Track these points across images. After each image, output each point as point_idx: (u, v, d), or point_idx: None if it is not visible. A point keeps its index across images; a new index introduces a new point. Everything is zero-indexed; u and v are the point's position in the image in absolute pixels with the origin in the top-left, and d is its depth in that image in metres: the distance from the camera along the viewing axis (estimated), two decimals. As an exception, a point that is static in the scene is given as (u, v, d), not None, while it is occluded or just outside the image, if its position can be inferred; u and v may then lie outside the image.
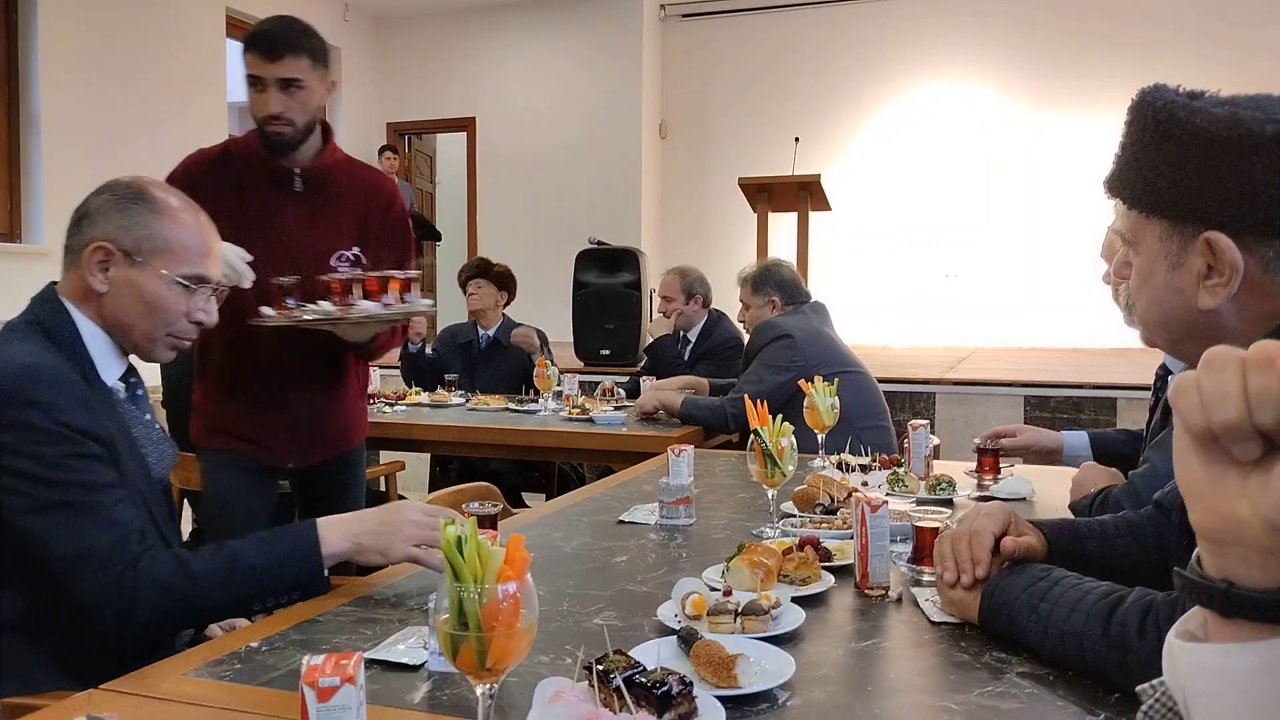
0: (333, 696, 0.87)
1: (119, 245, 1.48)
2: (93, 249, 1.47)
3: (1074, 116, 8.60)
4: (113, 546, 1.33)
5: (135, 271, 1.49)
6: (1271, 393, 0.51)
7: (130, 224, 1.49)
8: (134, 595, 1.32)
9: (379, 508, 1.53)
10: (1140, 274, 1.12)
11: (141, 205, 1.51)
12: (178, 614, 1.37)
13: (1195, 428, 0.55)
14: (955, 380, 5.35)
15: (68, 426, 1.35)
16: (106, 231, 1.48)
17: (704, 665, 1.10)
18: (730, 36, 9.79)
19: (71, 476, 1.34)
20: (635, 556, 1.72)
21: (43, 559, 1.33)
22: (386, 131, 10.09)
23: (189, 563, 1.37)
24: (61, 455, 1.34)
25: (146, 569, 1.34)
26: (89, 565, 1.31)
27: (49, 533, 1.32)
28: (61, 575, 1.32)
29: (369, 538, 1.46)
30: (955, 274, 9.07)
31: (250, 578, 1.40)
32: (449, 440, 3.59)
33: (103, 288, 1.48)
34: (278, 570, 1.42)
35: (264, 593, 1.41)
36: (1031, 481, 2.26)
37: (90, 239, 1.48)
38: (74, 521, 1.33)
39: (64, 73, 6.59)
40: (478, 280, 4.55)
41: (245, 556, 1.41)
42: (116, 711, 1.03)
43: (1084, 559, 1.35)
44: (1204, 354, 0.55)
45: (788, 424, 1.85)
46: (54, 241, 6.31)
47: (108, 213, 1.49)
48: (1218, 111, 1.00)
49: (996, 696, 1.09)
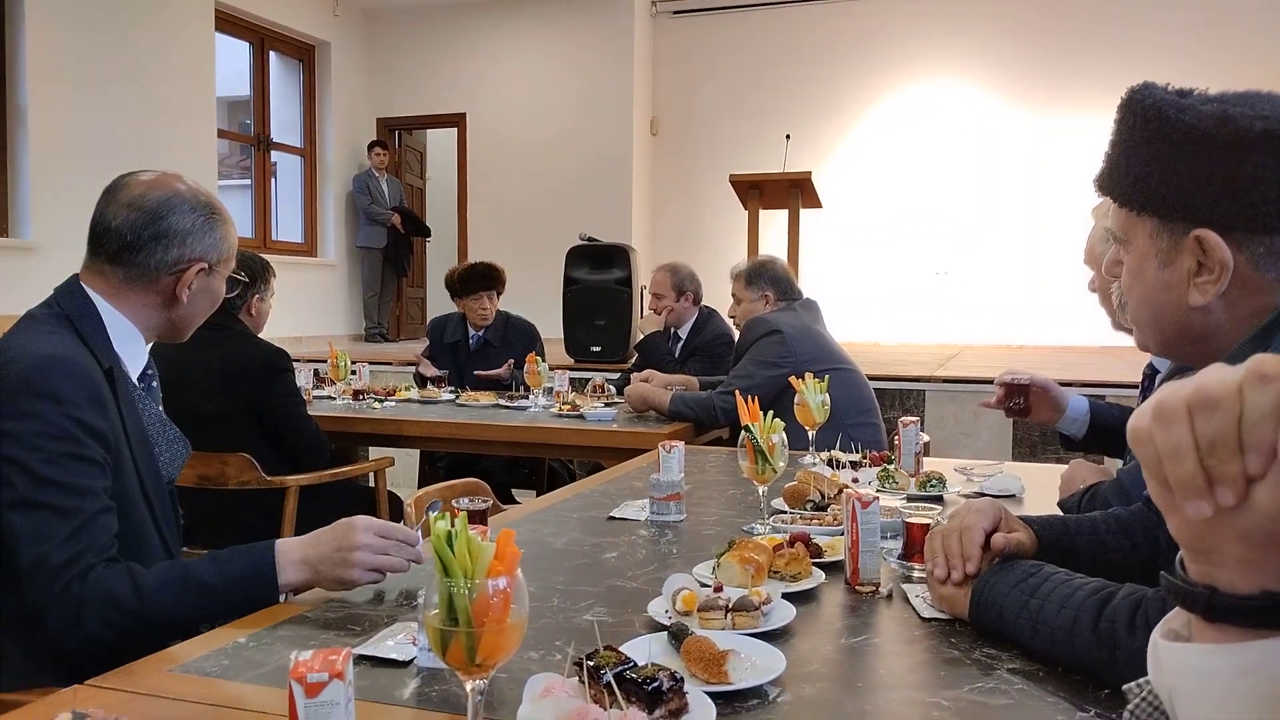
0: (321, 692, 0.86)
1: (211, 262, 1.62)
2: (195, 271, 1.58)
3: (1065, 115, 8.63)
4: (71, 559, 1.32)
5: (212, 279, 1.64)
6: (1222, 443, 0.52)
7: (217, 240, 1.62)
8: (79, 606, 1.31)
9: (332, 528, 1.44)
10: (1131, 272, 1.12)
11: (217, 219, 1.63)
12: (125, 627, 1.34)
13: (1156, 479, 0.56)
14: (945, 378, 5.37)
15: (77, 423, 1.36)
16: (202, 252, 1.60)
17: (694, 661, 1.10)
18: (722, 33, 9.78)
19: (62, 477, 1.34)
20: (626, 552, 1.71)
21: (12, 557, 1.34)
22: (377, 127, 10.05)
23: (140, 576, 1.35)
24: (61, 453, 1.35)
25: (96, 580, 1.33)
26: (41, 573, 1.32)
27: (21, 530, 1.33)
28: (22, 575, 1.33)
29: (326, 565, 1.40)
30: (946, 272, 9.09)
31: (201, 596, 1.37)
32: (438, 436, 3.58)
33: (186, 298, 1.60)
34: (230, 592, 1.38)
35: (213, 613, 1.38)
36: (1021, 478, 2.27)
37: (185, 260, 1.57)
38: (45, 525, 1.33)
39: (51, 66, 6.54)
40: (489, 293, 4.49)
41: (199, 574, 1.38)
42: (102, 707, 1.02)
43: (1074, 555, 1.35)
44: (1154, 404, 0.56)
45: (779, 420, 1.85)
46: (40, 236, 6.33)
47: (196, 233, 1.59)
48: (1206, 109, 1.00)
49: (987, 692, 1.09)
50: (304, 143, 9.46)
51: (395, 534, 1.44)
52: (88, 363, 1.43)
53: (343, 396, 3.99)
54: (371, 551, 1.41)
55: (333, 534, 1.43)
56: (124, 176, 1.59)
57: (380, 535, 1.42)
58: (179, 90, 7.62)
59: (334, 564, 1.40)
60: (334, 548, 1.41)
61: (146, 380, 1.61)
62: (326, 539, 1.43)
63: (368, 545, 1.41)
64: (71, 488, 1.35)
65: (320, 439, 3.15)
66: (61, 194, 6.36)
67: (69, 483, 1.35)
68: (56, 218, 6.33)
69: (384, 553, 1.41)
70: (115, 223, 1.54)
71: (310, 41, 9.40)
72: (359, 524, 1.43)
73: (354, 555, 1.39)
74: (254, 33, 8.78)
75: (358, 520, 1.44)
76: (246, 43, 8.81)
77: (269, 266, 3.25)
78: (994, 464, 2.53)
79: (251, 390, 2.99)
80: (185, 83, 7.70)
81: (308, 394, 3.76)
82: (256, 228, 8.88)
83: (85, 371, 1.41)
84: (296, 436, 3.08)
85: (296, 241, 9.41)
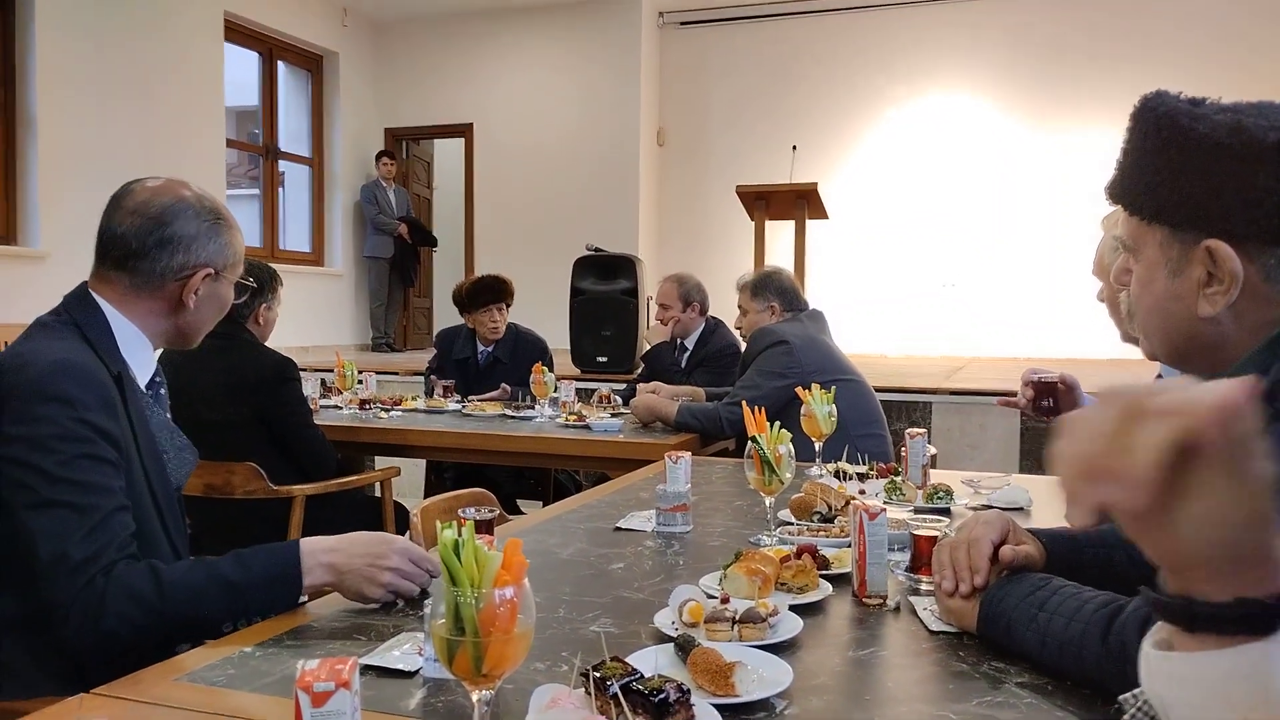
0: (327, 702, 0.86)
1: (217, 268, 1.61)
2: (201, 276, 1.58)
3: (1071, 130, 8.64)
4: (92, 555, 1.32)
5: (219, 285, 1.64)
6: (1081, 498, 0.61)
7: (222, 246, 1.62)
8: (101, 602, 1.31)
9: (368, 537, 1.45)
10: (1140, 281, 1.12)
11: (223, 225, 1.62)
12: (146, 624, 1.34)
13: None
14: (952, 390, 5.35)
15: (89, 425, 1.37)
16: (207, 257, 1.59)
17: (701, 673, 1.09)
18: (729, 45, 9.81)
19: (78, 476, 1.35)
20: (632, 563, 1.71)
21: (30, 556, 1.33)
22: (385, 137, 10.10)
23: (162, 573, 1.35)
24: (74, 455, 1.36)
25: (118, 576, 1.33)
26: (62, 570, 1.31)
27: (40, 529, 1.33)
28: (40, 575, 1.33)
29: (352, 576, 1.40)
30: (953, 284, 9.08)
31: (225, 594, 1.37)
32: (444, 446, 3.58)
33: (193, 304, 1.59)
34: (254, 590, 1.38)
35: (235, 612, 1.38)
36: (1029, 491, 2.26)
37: (190, 265, 1.57)
38: (64, 523, 1.33)
39: (60, 75, 6.58)
40: (500, 306, 4.39)
41: (223, 571, 1.38)
42: (108, 716, 1.02)
43: (1082, 568, 1.34)
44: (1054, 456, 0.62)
45: (785, 431, 1.85)
46: (49, 244, 6.35)
47: (203, 240, 1.59)
48: (1220, 118, 1.00)
49: (995, 706, 1.09)
50: (312, 153, 9.50)
51: (425, 564, 1.44)
52: (97, 368, 1.44)
53: (349, 406, 3.99)
54: (400, 576, 1.41)
55: (366, 546, 1.43)
56: (130, 183, 1.60)
57: (414, 562, 1.43)
58: (188, 100, 7.66)
59: (361, 576, 1.40)
60: (366, 560, 1.41)
61: (154, 388, 1.62)
62: (360, 550, 1.42)
63: (399, 569, 1.41)
64: (88, 486, 1.35)
65: (326, 449, 3.15)
66: (70, 202, 6.39)
67: (85, 481, 1.35)
68: (65, 226, 6.36)
69: (409, 579, 1.42)
70: (121, 229, 1.54)
71: (318, 52, 9.45)
72: (397, 545, 1.44)
73: (384, 576, 1.40)
74: (263, 43, 8.83)
75: (397, 541, 1.45)
76: (255, 53, 8.86)
77: (276, 275, 3.26)
78: (1001, 476, 2.52)
79: (259, 399, 2.99)
80: (194, 92, 7.74)
81: (314, 403, 3.76)
82: (264, 237, 8.91)
83: (95, 376, 1.42)
84: (303, 446, 3.08)
85: (304, 251, 9.44)
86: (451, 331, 4.67)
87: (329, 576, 1.41)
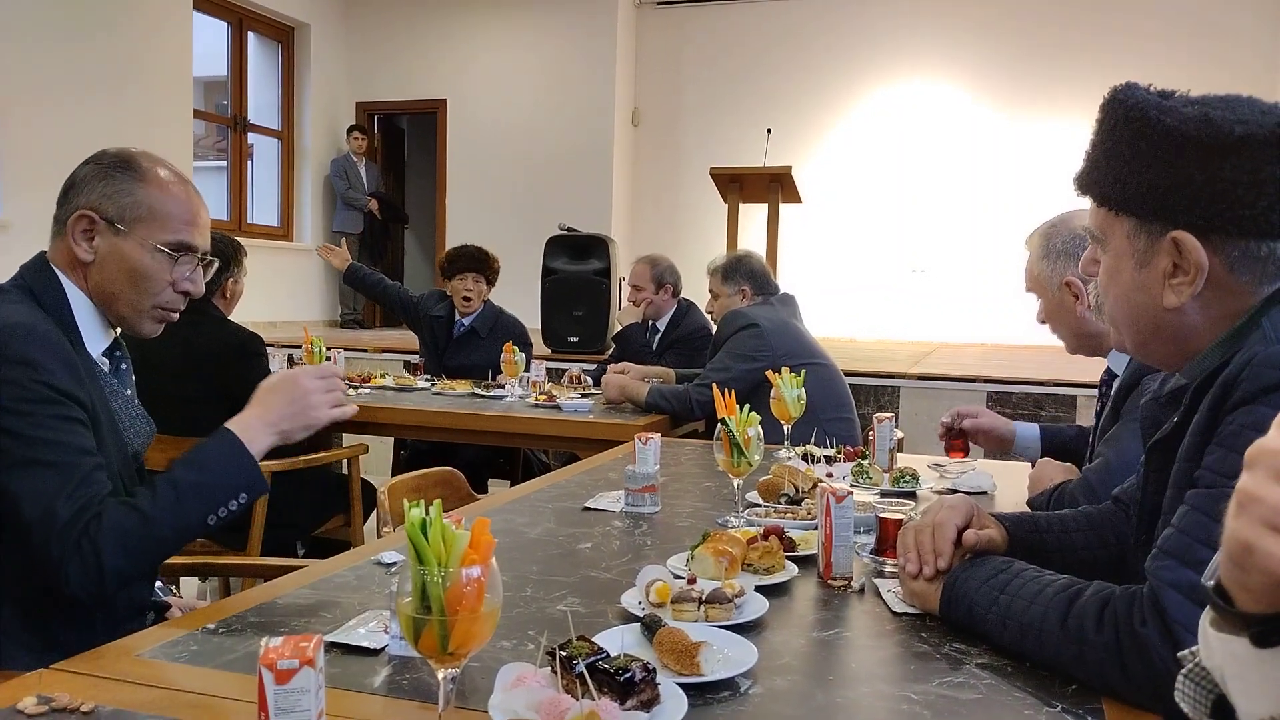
0: (291, 679, 0.86)
1: (103, 214, 1.48)
2: (76, 217, 1.48)
3: (1044, 116, 8.69)
4: (79, 511, 1.32)
5: (120, 240, 1.49)
6: None
7: (114, 191, 1.48)
8: (96, 550, 1.31)
9: (269, 387, 1.52)
10: (1108, 271, 1.13)
11: (126, 173, 1.50)
12: (141, 554, 1.36)
13: None
14: (920, 375, 5.40)
15: (54, 388, 1.36)
16: (90, 200, 1.48)
17: (667, 653, 1.10)
18: (706, 25, 9.76)
19: (55, 435, 1.35)
20: (600, 543, 1.71)
21: (13, 519, 1.32)
22: (356, 111, 9.97)
23: (136, 503, 1.37)
24: (47, 415, 1.35)
25: (103, 523, 1.33)
26: (53, 528, 1.31)
27: (22, 490, 1.32)
28: (29, 535, 1.32)
29: (288, 422, 1.49)
30: (922, 269, 9.14)
31: (195, 495, 1.40)
32: (413, 424, 3.56)
33: (88, 257, 1.49)
34: (217, 478, 1.42)
35: (213, 504, 1.41)
36: (993, 475, 2.29)
37: (75, 208, 1.48)
38: (46, 481, 1.32)
39: (22, 41, 6.43)
40: (475, 275, 4.35)
41: (183, 478, 1.40)
42: (69, 692, 1.01)
43: (1044, 552, 1.37)
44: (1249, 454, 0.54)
45: (755, 414, 1.86)
46: (12, 212, 6.22)
47: (92, 181, 1.49)
48: (1188, 111, 1.01)
49: (955, 687, 1.10)
50: (281, 125, 9.36)
51: (326, 372, 1.55)
52: (55, 333, 1.42)
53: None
54: (325, 390, 1.50)
55: (278, 395, 1.50)
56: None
57: (319, 377, 1.52)
58: (155, 69, 7.51)
59: (296, 417, 1.49)
60: (289, 404, 1.49)
61: (115, 361, 1.59)
62: (277, 401, 1.50)
63: (318, 387, 1.50)
64: (65, 445, 1.35)
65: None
66: (33, 171, 6.25)
67: (62, 440, 1.35)
68: (26, 195, 6.23)
69: (333, 389, 1.51)
70: None
71: (289, 23, 9.30)
72: (298, 376, 1.52)
73: (313, 398, 1.49)
74: (232, 12, 8.67)
75: (292, 373, 1.53)
76: (225, 22, 8.70)
77: (240, 246, 3.22)
78: (967, 461, 2.55)
79: (224, 375, 2.96)
80: (162, 60, 7.59)
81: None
82: (232, 210, 8.78)
83: (54, 339, 1.40)
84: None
85: (273, 225, 9.32)
86: (437, 293, 4.62)
87: (271, 436, 1.48)
